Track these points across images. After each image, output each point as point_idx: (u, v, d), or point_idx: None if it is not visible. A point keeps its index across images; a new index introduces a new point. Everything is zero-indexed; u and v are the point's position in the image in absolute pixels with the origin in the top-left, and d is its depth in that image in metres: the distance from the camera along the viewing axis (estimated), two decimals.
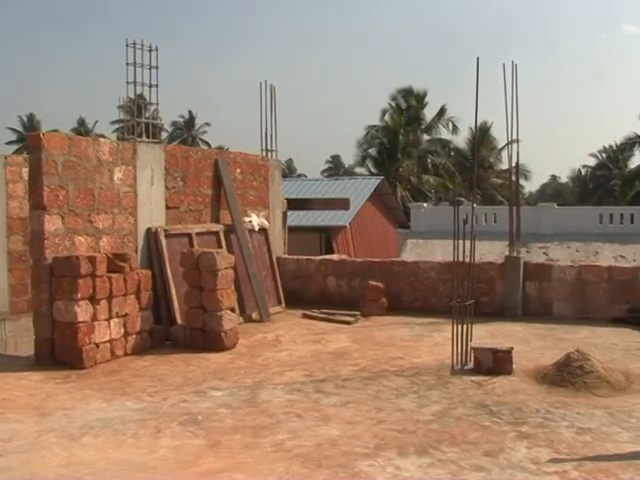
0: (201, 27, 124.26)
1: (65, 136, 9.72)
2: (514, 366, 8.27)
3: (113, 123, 66.72)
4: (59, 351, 8.80)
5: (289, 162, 69.16)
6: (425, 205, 35.00)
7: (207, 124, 70.78)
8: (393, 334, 10.68)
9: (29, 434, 6.26)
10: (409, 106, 56.62)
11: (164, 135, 59.46)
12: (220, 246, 11.49)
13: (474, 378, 7.99)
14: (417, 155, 55.14)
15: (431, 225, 30.42)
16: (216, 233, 11.81)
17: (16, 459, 5.66)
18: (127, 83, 11.45)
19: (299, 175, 66.72)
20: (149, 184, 10.64)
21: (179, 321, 10.23)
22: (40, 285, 8.90)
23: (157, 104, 11.82)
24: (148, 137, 11.62)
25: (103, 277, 8.88)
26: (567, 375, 7.66)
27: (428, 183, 53.57)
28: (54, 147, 9.05)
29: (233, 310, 10.11)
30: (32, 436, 6.21)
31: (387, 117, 56.42)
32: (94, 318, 8.77)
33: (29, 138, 9.37)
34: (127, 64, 11.41)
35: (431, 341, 10.15)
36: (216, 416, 6.74)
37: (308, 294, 13.48)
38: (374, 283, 12.49)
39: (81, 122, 69.34)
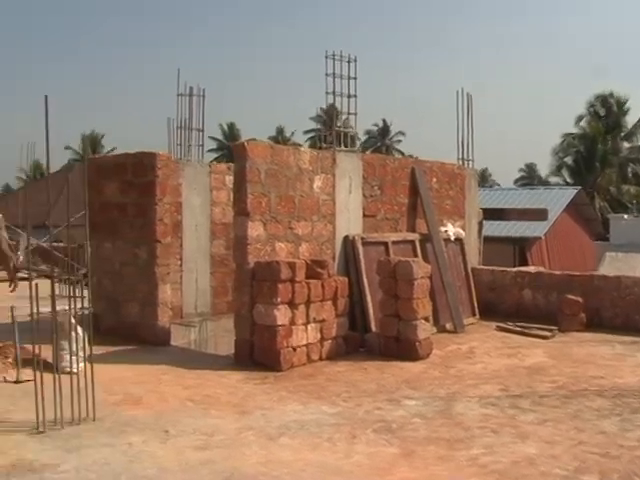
0: (395, 34, 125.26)
1: (268, 145, 10.09)
2: None
3: (306, 132, 68.88)
4: (258, 353, 9.11)
5: (484, 171, 68.05)
6: (626, 217, 33.25)
7: (401, 133, 71.16)
8: (593, 352, 10.19)
9: (230, 430, 6.52)
10: (608, 112, 54.15)
11: (357, 144, 60.51)
12: (416, 255, 11.48)
13: None
14: (617, 164, 52.56)
15: (632, 238, 28.87)
16: (412, 242, 11.82)
17: (218, 453, 5.91)
18: (326, 93, 11.69)
19: (492, 184, 65.52)
20: (347, 192, 10.82)
21: (373, 328, 10.30)
22: (242, 288, 9.27)
23: (355, 114, 11.97)
24: (343, 146, 11.80)
25: (302, 283, 9.11)
26: None
27: (628, 193, 50.95)
28: (257, 156, 9.42)
29: (427, 320, 10.06)
30: (232, 432, 6.46)
31: (583, 123, 54.25)
32: (292, 322, 9.02)
33: (234, 147, 9.79)
34: (326, 75, 11.65)
35: (634, 361, 9.58)
36: (410, 425, 6.71)
37: (503, 306, 13.16)
38: (573, 297, 11.98)
39: (279, 131, 71.89)
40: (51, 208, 10.28)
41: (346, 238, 10.77)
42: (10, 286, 8.75)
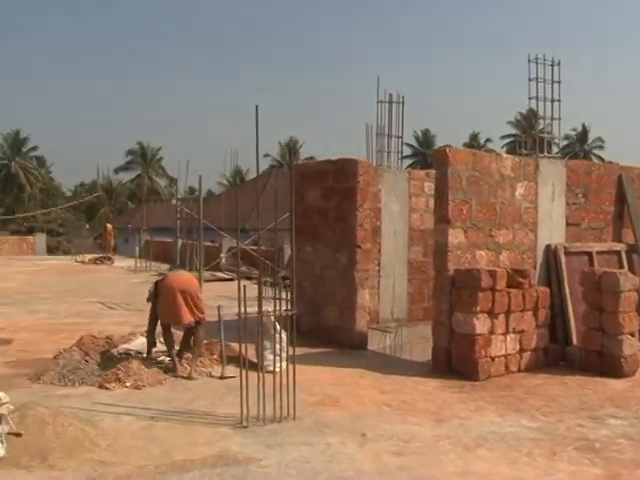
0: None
1: (469, 152, 9.99)
2: None
3: (503, 137, 67.44)
4: (455, 361, 9.02)
5: None
6: None
7: (600, 140, 68.14)
8: None
9: (426, 438, 6.50)
10: None
11: (554, 150, 58.58)
12: (622, 266, 10.90)
13: None
14: None
15: None
16: (618, 252, 11.24)
17: (415, 460, 5.90)
18: (529, 99, 11.38)
19: None
20: (550, 200, 10.48)
21: (575, 341, 9.89)
22: (441, 296, 9.23)
23: (559, 119, 11.56)
24: (541, 152, 11.42)
25: (502, 292, 8.93)
26: None
27: None
28: (459, 162, 9.34)
29: (633, 335, 9.52)
30: (429, 440, 6.44)
31: None
32: (491, 332, 8.85)
33: (436, 154, 9.76)
34: (529, 80, 11.34)
35: None
36: (615, 446, 6.38)
37: None
38: None
39: (473, 137, 70.97)
40: (251, 213, 10.70)
41: (548, 247, 10.43)
42: None
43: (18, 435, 5.87)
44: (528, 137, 12.07)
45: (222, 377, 8.64)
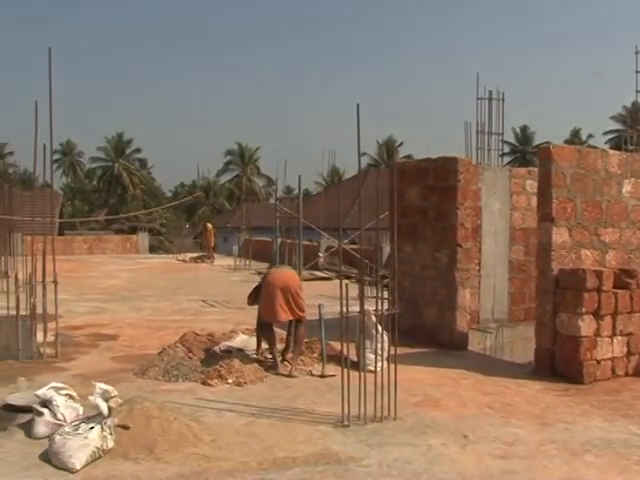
0: None
1: (574, 148, 9.70)
2: None
3: (605, 134, 65.47)
4: (559, 363, 8.79)
5: None
6: None
7: None
8: None
9: (531, 441, 6.35)
10: None
11: None
12: None
13: None
14: None
15: None
16: None
17: (519, 464, 5.77)
18: (637, 92, 11.02)
19: None
20: None
21: None
22: (544, 296, 9.00)
23: None
24: None
25: (609, 293, 8.65)
26: None
27: None
28: (563, 159, 9.09)
29: None
30: (533, 444, 6.29)
31: None
32: (597, 334, 8.59)
33: (539, 151, 9.53)
34: (637, 72, 10.97)
35: None
36: None
37: None
38: None
39: (575, 133, 69.14)
40: (348, 212, 10.71)
41: None
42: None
43: (126, 428, 6.04)
44: (634, 132, 11.67)
45: (322, 375, 8.67)
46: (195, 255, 32.63)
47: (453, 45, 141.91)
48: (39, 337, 9.92)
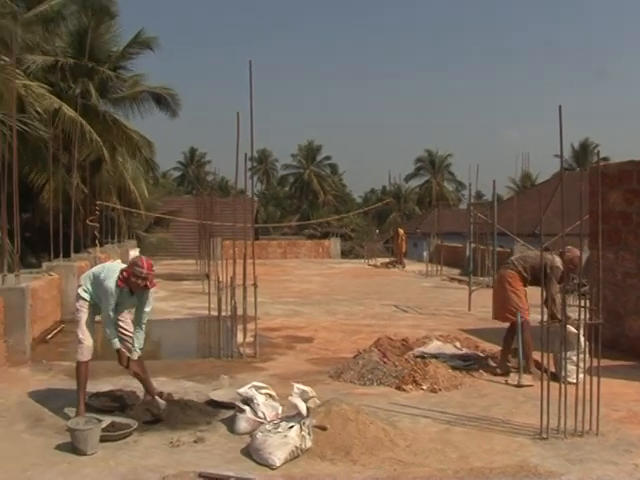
0: None
1: None
2: None
3: None
4: None
5: None
6: None
7: None
8: None
9: None
10: None
11: None
12: None
13: None
14: None
15: None
16: None
17: None
18: None
19: None
20: None
21: None
22: None
23: None
24: None
25: None
26: None
27: None
28: None
29: None
30: None
31: None
32: None
33: None
34: None
35: None
36: None
37: None
38: None
39: None
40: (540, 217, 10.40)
41: None
42: None
43: (324, 429, 6.19)
44: None
45: (519, 385, 8.45)
46: (386, 260, 32.83)
47: None
48: (239, 337, 10.38)
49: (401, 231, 32.15)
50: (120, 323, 7.28)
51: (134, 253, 24.28)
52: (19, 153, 11.77)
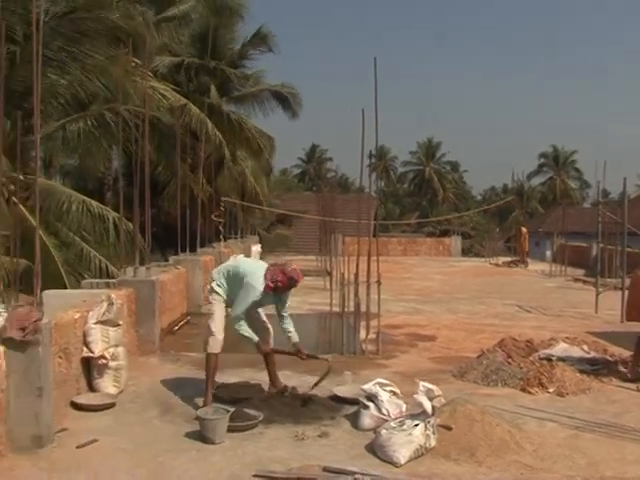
0: None
1: None
2: None
3: None
4: None
5: None
6: None
7: None
8: None
9: None
10: None
11: None
12: None
13: None
14: None
15: None
16: None
17: None
18: None
19: None
20: None
21: None
22: None
23: None
24: None
25: None
26: None
27: None
28: None
29: None
30: None
31: None
32: None
33: None
34: None
35: None
36: None
37: None
38: None
39: None
40: None
41: None
42: None
43: (449, 428, 6.14)
44: None
45: None
46: (508, 259, 32.22)
47: None
48: (362, 334, 10.42)
49: (524, 230, 31.44)
50: (256, 316, 7.49)
51: (256, 249, 24.79)
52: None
